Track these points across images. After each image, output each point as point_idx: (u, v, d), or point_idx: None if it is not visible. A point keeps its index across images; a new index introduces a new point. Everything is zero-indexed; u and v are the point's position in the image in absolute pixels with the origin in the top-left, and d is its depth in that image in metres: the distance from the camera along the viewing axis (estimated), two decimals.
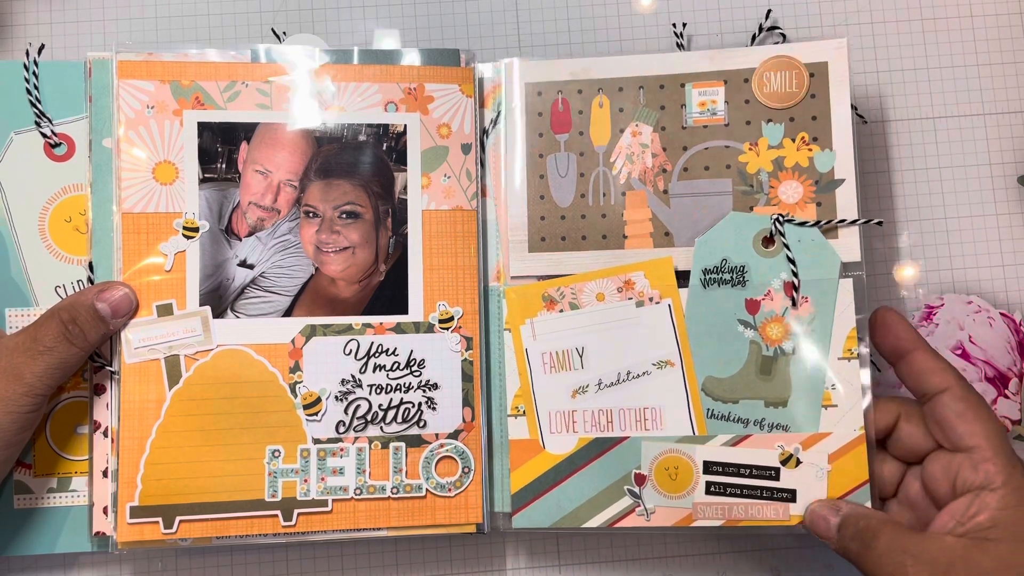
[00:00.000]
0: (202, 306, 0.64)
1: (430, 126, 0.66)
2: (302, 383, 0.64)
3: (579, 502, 0.64)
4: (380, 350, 0.65)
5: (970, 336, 0.69)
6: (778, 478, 0.63)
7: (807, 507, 0.62)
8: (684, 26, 0.72)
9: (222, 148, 0.65)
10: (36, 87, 0.65)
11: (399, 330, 0.65)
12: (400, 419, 0.64)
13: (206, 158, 0.65)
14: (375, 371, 0.65)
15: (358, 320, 0.65)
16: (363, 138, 0.66)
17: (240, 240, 0.65)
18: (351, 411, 0.64)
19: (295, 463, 0.63)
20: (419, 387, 0.65)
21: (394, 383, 0.65)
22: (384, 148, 0.66)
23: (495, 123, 0.68)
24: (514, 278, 0.66)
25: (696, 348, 0.64)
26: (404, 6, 0.72)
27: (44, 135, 0.65)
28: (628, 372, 0.64)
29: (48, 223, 0.65)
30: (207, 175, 0.65)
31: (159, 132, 0.64)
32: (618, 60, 0.66)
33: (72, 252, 0.65)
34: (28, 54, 0.65)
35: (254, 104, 0.65)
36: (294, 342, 0.64)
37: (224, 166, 0.65)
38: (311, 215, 0.65)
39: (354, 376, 0.64)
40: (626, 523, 0.63)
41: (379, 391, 0.65)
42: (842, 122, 0.64)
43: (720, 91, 0.65)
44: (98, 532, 0.63)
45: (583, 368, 0.65)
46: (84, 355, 0.61)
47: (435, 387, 0.65)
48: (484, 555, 0.69)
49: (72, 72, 0.66)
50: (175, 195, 0.64)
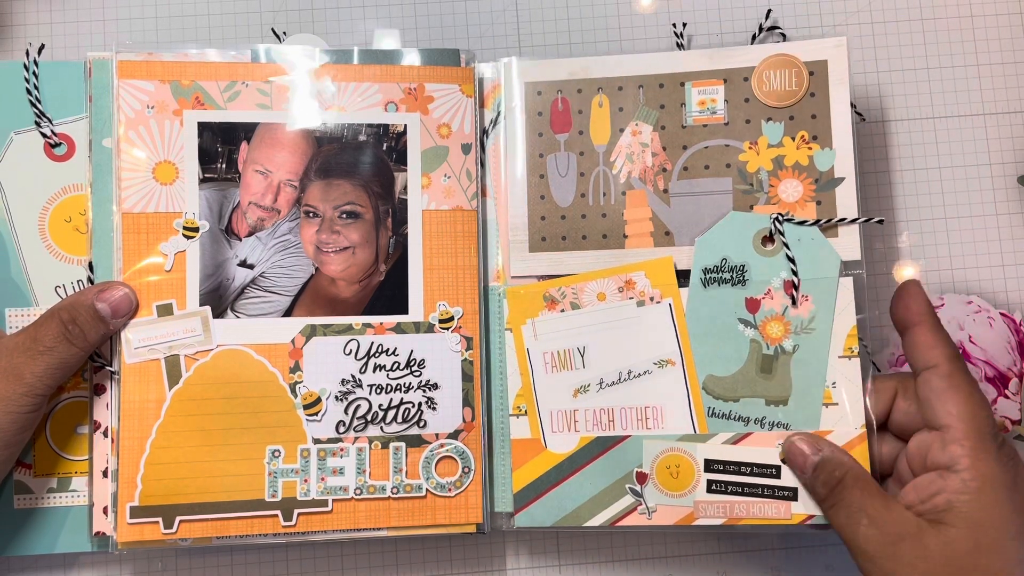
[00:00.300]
0: (202, 306, 0.64)
1: (430, 126, 0.66)
2: (302, 383, 0.64)
3: (581, 501, 0.64)
4: (380, 350, 0.65)
5: (970, 336, 0.69)
6: (779, 476, 0.63)
7: (787, 438, 0.62)
8: (684, 26, 0.72)
9: (222, 148, 0.65)
10: (36, 87, 0.65)
11: (399, 330, 0.65)
12: (400, 419, 0.64)
13: (206, 158, 0.65)
14: (375, 371, 0.65)
15: (358, 320, 0.65)
16: (363, 138, 0.66)
17: (240, 240, 0.65)
18: (351, 411, 0.64)
19: (295, 463, 0.63)
20: (419, 387, 0.65)
21: (394, 383, 0.65)
22: (384, 148, 0.66)
23: (495, 123, 0.68)
24: (514, 278, 0.67)
25: (697, 347, 0.64)
26: (404, 6, 0.72)
27: (44, 135, 0.65)
28: (629, 371, 0.64)
29: (48, 223, 0.65)
30: (207, 175, 0.65)
31: (159, 132, 0.64)
32: (618, 59, 0.66)
33: (72, 252, 0.65)
34: (28, 54, 0.65)
35: (254, 104, 0.65)
36: (294, 342, 0.64)
37: (224, 166, 0.65)
38: (311, 215, 0.65)
39: (354, 376, 0.64)
40: (628, 522, 0.63)
41: (379, 391, 0.64)
42: (842, 120, 0.64)
43: (720, 90, 0.65)
44: (98, 532, 0.63)
45: (584, 367, 0.65)
46: (84, 355, 0.61)
47: (435, 387, 0.65)
48: (484, 555, 0.68)
49: (72, 72, 0.66)
50: (175, 195, 0.64)
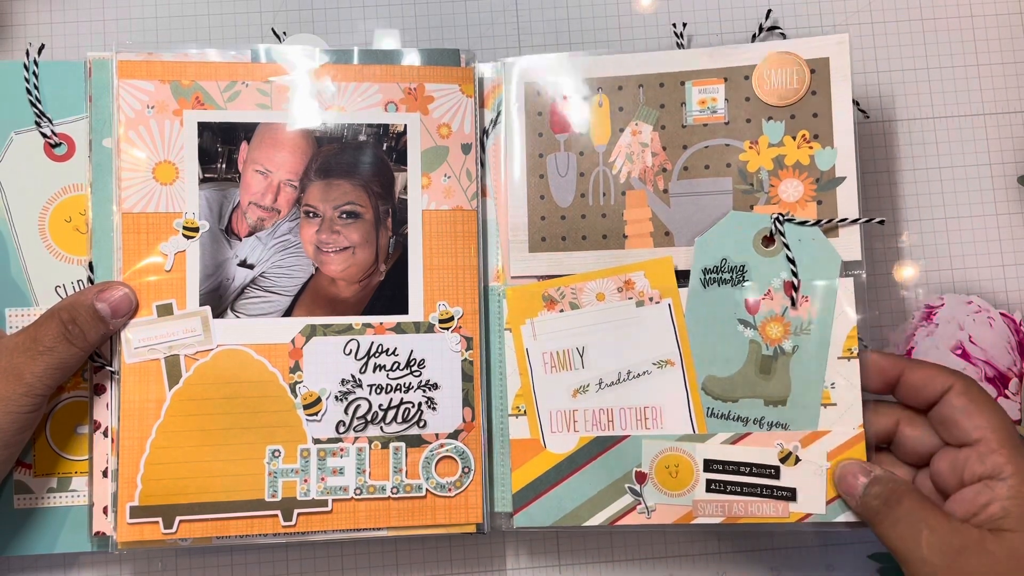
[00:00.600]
0: (202, 306, 0.64)
1: (430, 126, 0.66)
2: (302, 383, 0.64)
3: (580, 501, 0.64)
4: (380, 350, 0.65)
5: (970, 336, 0.69)
6: (778, 476, 0.63)
7: (839, 463, 0.62)
8: (684, 26, 0.72)
9: (222, 148, 0.65)
10: (36, 87, 0.65)
11: (399, 330, 0.65)
12: (400, 419, 0.64)
13: (206, 158, 0.65)
14: (375, 371, 0.65)
15: (358, 320, 0.65)
16: (363, 138, 0.66)
17: (240, 240, 0.65)
18: (351, 411, 0.64)
19: (295, 463, 0.63)
20: (419, 387, 0.65)
21: (394, 383, 0.65)
22: (384, 148, 0.66)
23: (495, 123, 0.68)
24: (514, 278, 0.66)
25: (696, 347, 0.64)
26: (404, 6, 0.72)
27: (44, 135, 0.65)
28: (628, 371, 0.64)
29: (48, 223, 0.65)
30: (207, 175, 0.65)
31: (159, 132, 0.64)
32: (617, 59, 0.66)
33: (72, 252, 0.65)
34: (28, 54, 0.65)
35: (254, 104, 0.65)
36: (294, 342, 0.64)
37: (224, 166, 0.65)
38: (311, 215, 0.65)
39: (354, 376, 0.64)
40: (627, 521, 0.63)
41: (379, 391, 0.64)
42: (843, 119, 0.64)
43: (720, 89, 0.65)
44: (98, 532, 0.63)
45: (584, 368, 0.65)
46: (84, 355, 0.61)
47: (435, 387, 0.65)
48: (484, 555, 0.68)
49: (72, 72, 0.66)
50: (175, 195, 0.64)
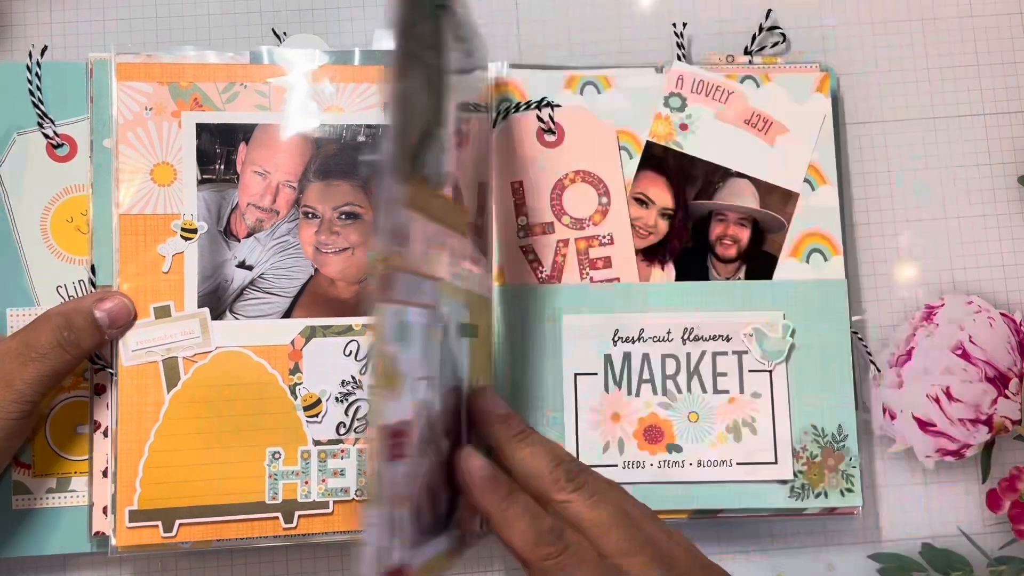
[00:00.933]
0: (200, 308, 0.64)
1: None
2: (302, 384, 0.64)
3: None
4: None
5: (970, 336, 0.68)
6: None
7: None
8: (684, 26, 0.71)
9: (220, 149, 0.65)
10: (39, 88, 0.65)
11: None
12: None
13: (204, 159, 0.65)
14: None
15: (358, 321, 0.65)
16: (362, 139, 0.66)
17: (239, 241, 0.65)
18: (351, 412, 0.64)
19: (295, 465, 0.63)
20: None
21: None
22: None
23: (495, 123, 0.68)
24: None
25: None
26: None
27: (46, 136, 0.65)
28: None
29: (50, 223, 0.65)
30: (205, 176, 0.65)
31: (157, 134, 0.64)
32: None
33: (74, 252, 0.65)
34: (31, 55, 0.65)
35: (253, 105, 0.65)
36: (294, 343, 0.64)
37: (222, 167, 0.65)
38: (310, 216, 0.65)
39: (354, 377, 0.64)
40: None
41: None
42: None
43: None
44: (98, 532, 0.63)
45: None
46: (76, 364, 0.61)
47: None
48: (484, 555, 0.68)
49: (74, 73, 0.66)
50: (173, 196, 0.64)
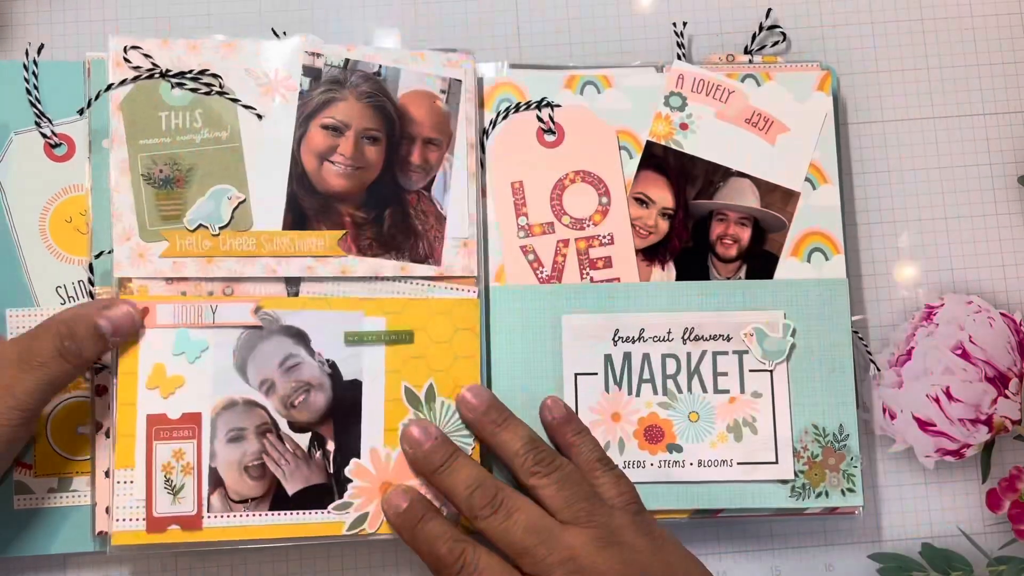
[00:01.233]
0: None
1: None
2: None
3: None
4: None
5: (970, 336, 0.69)
6: None
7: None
8: (684, 25, 0.71)
9: None
10: (36, 87, 0.65)
11: None
12: None
13: None
14: None
15: None
16: None
17: None
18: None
19: None
20: None
21: None
22: None
23: (495, 123, 0.68)
24: None
25: None
26: (404, 6, 0.72)
27: (44, 135, 0.65)
28: None
29: (49, 223, 0.65)
30: None
31: None
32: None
33: (73, 252, 0.65)
34: (28, 54, 0.65)
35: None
36: None
37: None
38: None
39: None
40: None
41: None
42: None
43: None
44: (101, 532, 0.62)
45: None
46: (78, 373, 0.60)
47: None
48: None
49: (72, 72, 0.65)
50: None
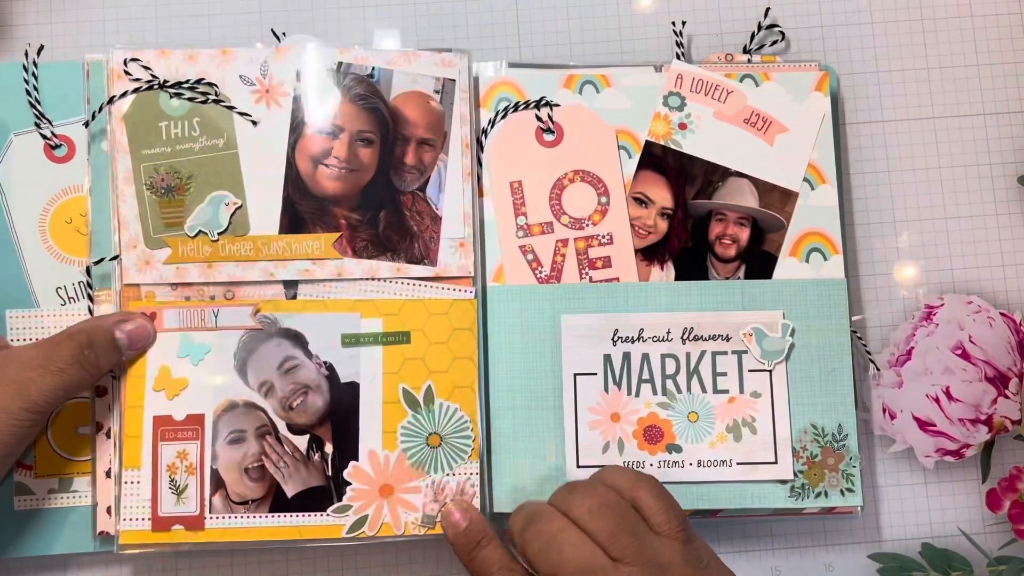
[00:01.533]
0: None
1: None
2: None
3: None
4: None
5: (970, 336, 0.69)
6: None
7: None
8: (684, 24, 0.71)
9: None
10: (36, 88, 0.65)
11: None
12: None
13: None
14: None
15: None
16: None
17: None
18: None
19: None
20: None
21: None
22: None
23: (493, 122, 0.67)
24: None
25: None
26: (404, 6, 0.72)
27: (44, 136, 0.65)
28: None
29: (49, 224, 0.65)
30: None
31: None
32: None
33: (73, 253, 0.65)
34: (27, 55, 0.65)
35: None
36: None
37: None
38: None
39: None
40: None
41: None
42: None
43: None
44: (102, 532, 0.62)
45: None
46: (92, 381, 0.61)
47: None
48: None
49: (72, 73, 0.66)
50: None
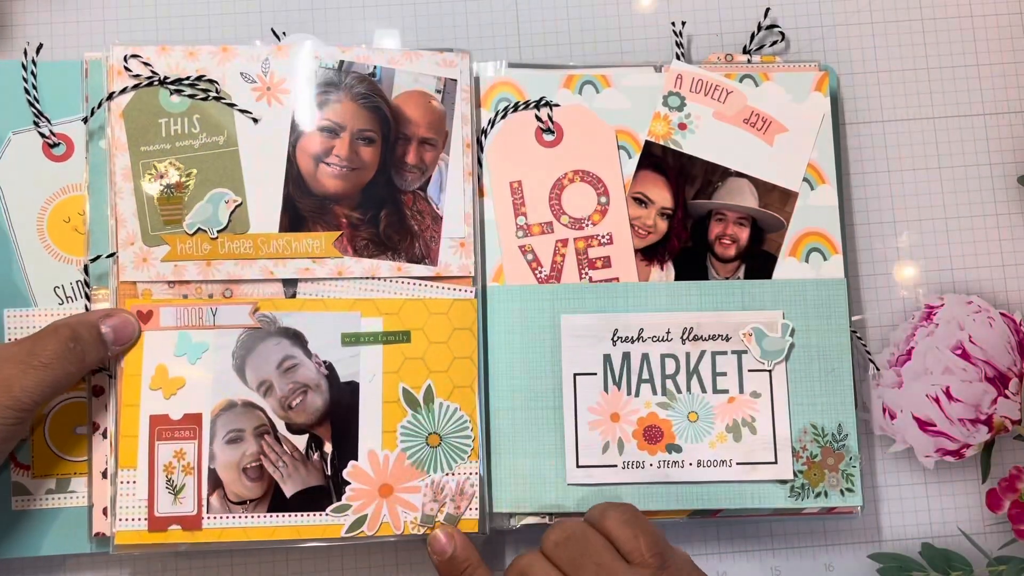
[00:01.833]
0: None
1: None
2: None
3: None
4: None
5: (970, 336, 0.69)
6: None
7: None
8: (684, 25, 0.71)
9: None
10: (34, 87, 0.65)
11: None
12: None
13: None
14: None
15: None
16: None
17: None
18: None
19: None
20: None
21: None
22: None
23: (493, 122, 0.67)
24: None
25: None
26: (404, 6, 0.72)
27: (42, 135, 0.65)
28: None
29: (47, 223, 0.65)
30: None
31: None
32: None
33: (71, 252, 0.65)
34: (26, 54, 0.65)
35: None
36: None
37: None
38: None
39: None
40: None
41: None
42: None
43: None
44: (98, 533, 0.62)
45: None
46: (78, 376, 0.60)
47: None
48: (484, 555, 0.68)
49: (71, 72, 0.65)
50: None
